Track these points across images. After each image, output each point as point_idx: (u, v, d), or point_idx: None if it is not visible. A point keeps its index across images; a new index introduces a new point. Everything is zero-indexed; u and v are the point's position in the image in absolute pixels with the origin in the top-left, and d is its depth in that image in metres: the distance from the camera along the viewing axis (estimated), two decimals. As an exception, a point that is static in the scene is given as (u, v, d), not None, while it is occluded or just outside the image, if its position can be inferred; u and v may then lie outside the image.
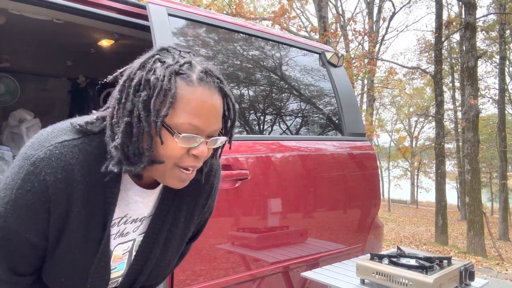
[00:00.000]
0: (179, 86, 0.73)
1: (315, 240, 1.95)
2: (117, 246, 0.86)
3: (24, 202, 0.72)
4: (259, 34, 2.05)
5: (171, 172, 0.77)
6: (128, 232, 0.87)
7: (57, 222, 0.75)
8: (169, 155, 0.75)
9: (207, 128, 0.76)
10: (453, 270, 1.45)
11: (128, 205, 0.85)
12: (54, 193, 0.72)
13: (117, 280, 0.91)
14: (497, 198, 19.01)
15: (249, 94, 1.97)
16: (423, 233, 14.77)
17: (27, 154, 0.74)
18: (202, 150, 0.76)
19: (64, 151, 0.73)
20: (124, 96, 0.75)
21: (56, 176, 0.72)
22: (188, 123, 0.73)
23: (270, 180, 1.78)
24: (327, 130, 2.31)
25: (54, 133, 0.76)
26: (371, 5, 15.73)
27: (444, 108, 14.55)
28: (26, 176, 0.72)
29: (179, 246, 0.96)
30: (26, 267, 0.80)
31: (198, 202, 0.96)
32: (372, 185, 2.27)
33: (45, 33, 2.45)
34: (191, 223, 0.96)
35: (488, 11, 16.21)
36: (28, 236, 0.75)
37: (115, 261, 0.87)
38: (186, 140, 0.74)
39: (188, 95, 0.73)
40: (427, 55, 18.17)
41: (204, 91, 0.74)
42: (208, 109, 0.75)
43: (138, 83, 0.74)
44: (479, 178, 10.03)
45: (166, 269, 0.97)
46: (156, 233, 0.90)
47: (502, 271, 5.84)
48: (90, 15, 1.63)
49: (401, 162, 29.89)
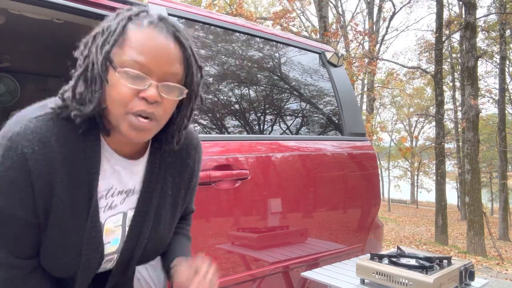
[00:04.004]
0: (129, 28, 0.76)
1: (315, 240, 1.95)
2: (108, 219, 0.87)
3: (7, 179, 0.74)
4: (259, 34, 2.05)
5: (124, 118, 0.76)
6: (116, 204, 0.88)
7: (42, 194, 0.76)
8: (117, 97, 0.75)
9: (156, 69, 0.75)
10: (453, 270, 1.45)
11: (111, 176, 0.86)
12: (34, 165, 0.74)
13: (112, 257, 0.92)
14: (497, 198, 19.01)
15: (249, 94, 1.97)
16: (423, 233, 14.77)
17: (4, 132, 0.76)
18: (151, 93, 0.74)
19: (39, 125, 0.75)
20: (84, 47, 0.80)
21: (33, 149, 0.74)
22: (133, 59, 0.74)
23: (270, 180, 1.78)
24: (327, 130, 2.31)
25: (29, 110, 0.79)
26: (371, 5, 15.73)
27: (444, 108, 14.55)
28: (5, 153, 0.74)
29: (171, 220, 0.98)
30: (25, 249, 0.81)
31: (183, 175, 0.98)
32: (372, 185, 2.27)
33: (45, 33, 2.45)
34: (179, 197, 0.98)
35: (488, 11, 16.22)
36: (18, 214, 0.76)
37: (108, 235, 0.88)
38: (130, 78, 0.74)
39: (136, 35, 0.75)
40: (427, 55, 18.19)
41: (153, 32, 0.76)
42: (155, 47, 0.75)
43: (97, 32, 0.79)
44: (479, 178, 10.03)
45: (161, 244, 0.98)
46: (146, 206, 0.91)
47: (502, 271, 5.84)
48: (90, 15, 1.63)
49: (401, 162, 29.89)
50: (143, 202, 0.91)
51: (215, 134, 1.74)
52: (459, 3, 13.25)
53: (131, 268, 0.96)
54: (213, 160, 1.58)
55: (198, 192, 1.50)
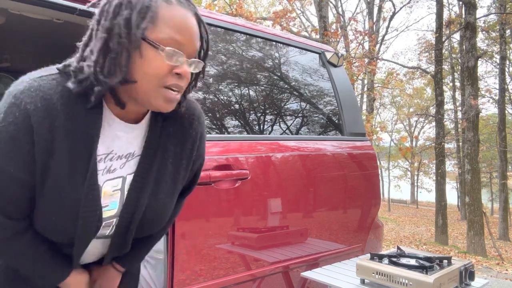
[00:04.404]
0: (159, 5, 0.77)
1: (315, 240, 1.95)
2: (106, 182, 0.87)
3: (7, 135, 0.74)
4: (259, 34, 2.05)
5: (157, 91, 0.78)
6: (115, 168, 0.88)
7: (41, 153, 0.76)
8: (153, 72, 0.77)
9: (189, 45, 0.79)
10: (453, 270, 1.45)
11: (113, 141, 0.86)
12: (36, 121, 0.74)
13: (111, 222, 0.91)
14: (497, 198, 19.02)
15: (249, 94, 1.97)
16: (423, 233, 14.77)
17: (9, 90, 0.77)
18: (185, 69, 0.79)
19: (43, 83, 0.77)
20: (103, 18, 0.78)
21: (36, 105, 0.74)
22: (170, 38, 0.77)
23: (270, 180, 1.78)
24: (327, 130, 2.31)
25: (34, 72, 0.80)
26: (371, 5, 15.73)
27: (444, 108, 14.55)
28: (8, 109, 0.74)
29: (171, 190, 0.97)
30: (16, 210, 0.80)
31: (185, 145, 0.97)
32: (372, 185, 2.27)
33: (45, 33, 2.45)
34: (180, 168, 0.98)
35: (488, 11, 16.22)
36: (15, 172, 0.76)
37: (106, 197, 0.87)
38: (171, 56, 0.77)
39: (169, 12, 0.77)
40: (427, 55, 18.19)
41: (183, 11, 0.79)
42: (189, 25, 0.79)
43: (119, 3, 0.77)
44: (479, 178, 10.03)
45: (161, 214, 0.97)
46: (145, 172, 0.91)
47: (502, 271, 5.84)
48: (90, 15, 1.62)
49: (401, 162, 29.90)
50: (142, 167, 0.91)
51: (215, 134, 1.74)
52: (459, 3, 13.25)
53: (129, 236, 0.94)
54: (213, 160, 1.58)
55: (198, 192, 1.50)
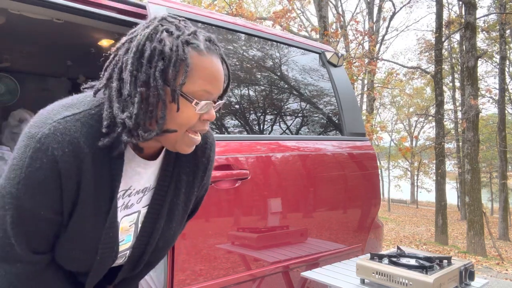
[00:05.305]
0: (191, 55, 0.77)
1: (315, 240, 1.95)
2: (124, 218, 0.89)
3: (35, 180, 0.73)
4: (260, 34, 2.05)
5: (183, 138, 0.81)
6: (132, 204, 0.90)
7: (70, 195, 0.77)
8: (184, 122, 0.79)
9: (217, 92, 0.82)
10: (453, 270, 1.45)
11: (131, 177, 0.87)
12: (64, 167, 0.74)
13: (125, 253, 0.93)
14: (497, 198, 19.01)
15: (249, 94, 1.97)
16: (423, 233, 14.77)
17: (31, 133, 0.75)
18: (212, 114, 0.81)
19: (68, 126, 0.75)
20: (136, 68, 0.77)
21: (63, 150, 0.73)
22: (203, 90, 0.78)
23: (270, 180, 1.78)
24: (327, 130, 2.31)
25: (54, 110, 0.78)
26: (371, 5, 15.72)
27: (444, 108, 14.54)
28: (33, 154, 0.73)
29: (182, 217, 1.00)
30: (44, 245, 0.82)
31: (197, 173, 0.99)
32: (372, 185, 2.27)
33: (45, 33, 2.45)
34: (192, 195, 1.00)
35: (488, 11, 16.22)
36: (43, 213, 0.76)
37: (122, 233, 0.90)
38: (204, 107, 0.79)
39: (201, 63, 0.78)
40: (427, 55, 18.18)
41: (213, 59, 0.80)
42: (219, 75, 0.81)
43: (151, 54, 0.76)
44: (479, 178, 10.03)
45: (171, 241, 1.00)
46: (159, 204, 0.93)
47: (502, 271, 5.84)
48: (90, 15, 1.63)
49: (401, 162, 29.88)
50: (157, 199, 0.93)
51: (215, 134, 1.74)
52: (459, 3, 13.25)
53: (141, 264, 0.97)
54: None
55: (198, 192, 1.50)
